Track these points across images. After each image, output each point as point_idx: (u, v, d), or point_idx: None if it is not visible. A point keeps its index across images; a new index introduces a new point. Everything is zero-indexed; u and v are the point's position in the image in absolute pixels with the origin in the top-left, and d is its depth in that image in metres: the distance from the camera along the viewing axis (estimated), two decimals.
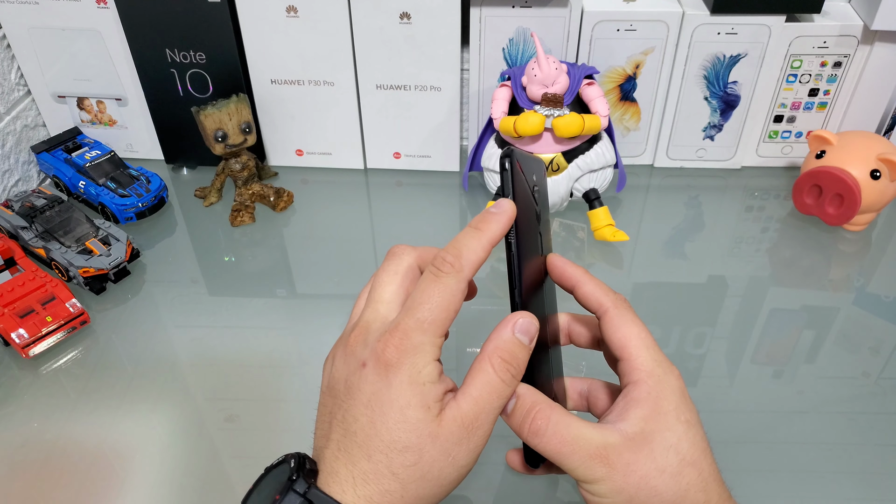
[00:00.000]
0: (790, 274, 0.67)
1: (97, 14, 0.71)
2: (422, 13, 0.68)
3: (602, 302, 0.35)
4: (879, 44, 0.69)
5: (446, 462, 0.31)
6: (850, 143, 0.67)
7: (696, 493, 0.31)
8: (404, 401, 0.30)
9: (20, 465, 0.50)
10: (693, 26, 0.69)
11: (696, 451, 0.32)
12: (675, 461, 0.31)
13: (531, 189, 0.35)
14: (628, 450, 0.31)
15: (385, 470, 0.30)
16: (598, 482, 0.31)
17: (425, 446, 0.30)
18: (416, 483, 0.30)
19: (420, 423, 0.30)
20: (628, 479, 0.31)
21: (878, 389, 0.55)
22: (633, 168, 0.80)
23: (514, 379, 0.32)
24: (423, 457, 0.30)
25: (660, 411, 0.32)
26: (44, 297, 0.59)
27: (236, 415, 0.53)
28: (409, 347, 0.30)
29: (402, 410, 0.30)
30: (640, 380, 0.33)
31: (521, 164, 0.33)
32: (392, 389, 0.30)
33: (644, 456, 0.31)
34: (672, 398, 0.32)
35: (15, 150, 0.75)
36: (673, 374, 0.33)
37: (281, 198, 0.74)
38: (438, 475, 0.31)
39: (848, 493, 0.48)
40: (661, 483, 0.31)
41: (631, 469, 0.31)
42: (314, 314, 0.63)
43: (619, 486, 0.31)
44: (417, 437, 0.30)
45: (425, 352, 0.31)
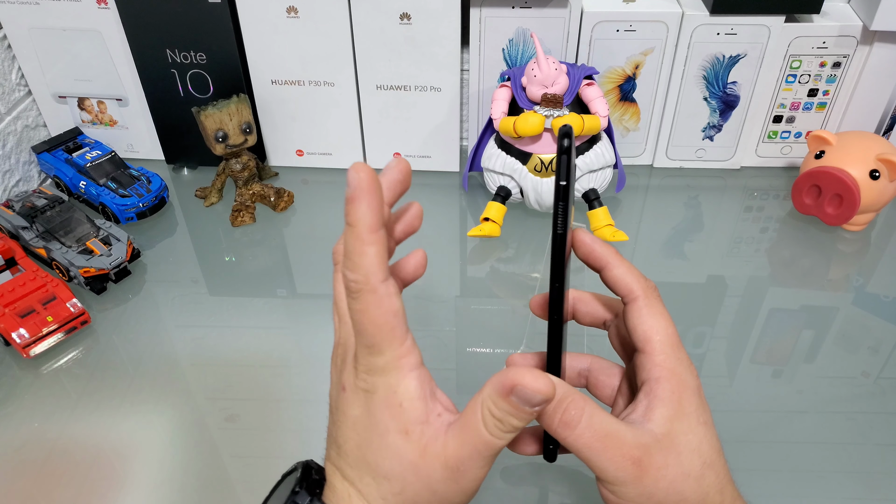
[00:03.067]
0: (789, 274, 0.67)
1: (98, 14, 0.71)
2: (422, 13, 0.68)
3: (632, 288, 0.33)
4: (878, 44, 0.70)
5: (433, 497, 0.29)
6: (850, 144, 0.67)
7: (714, 496, 0.31)
8: (383, 426, 0.29)
9: (21, 465, 0.50)
10: (692, 27, 0.69)
11: (714, 453, 0.31)
12: (697, 464, 0.30)
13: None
14: (659, 452, 0.30)
15: (376, 494, 0.30)
16: (626, 484, 0.29)
17: (408, 478, 0.29)
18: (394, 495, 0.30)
19: (400, 451, 0.29)
20: (658, 483, 0.30)
21: (878, 389, 0.55)
22: (632, 168, 0.80)
23: (507, 435, 0.29)
24: (406, 488, 0.29)
25: (683, 412, 0.31)
26: (44, 297, 0.59)
27: (236, 415, 0.53)
28: (376, 370, 0.29)
29: (382, 437, 0.29)
30: (662, 377, 0.31)
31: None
32: (371, 415, 0.29)
33: (673, 459, 0.30)
34: (693, 399, 0.31)
35: (16, 151, 0.75)
36: (692, 374, 0.32)
37: (281, 198, 0.74)
38: (424, 500, 0.30)
39: (848, 492, 0.49)
40: (686, 487, 0.30)
41: (662, 473, 0.30)
42: (314, 314, 0.63)
43: (648, 490, 0.30)
44: (399, 465, 0.29)
45: (393, 369, 0.29)
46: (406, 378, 0.29)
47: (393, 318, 0.28)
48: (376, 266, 0.27)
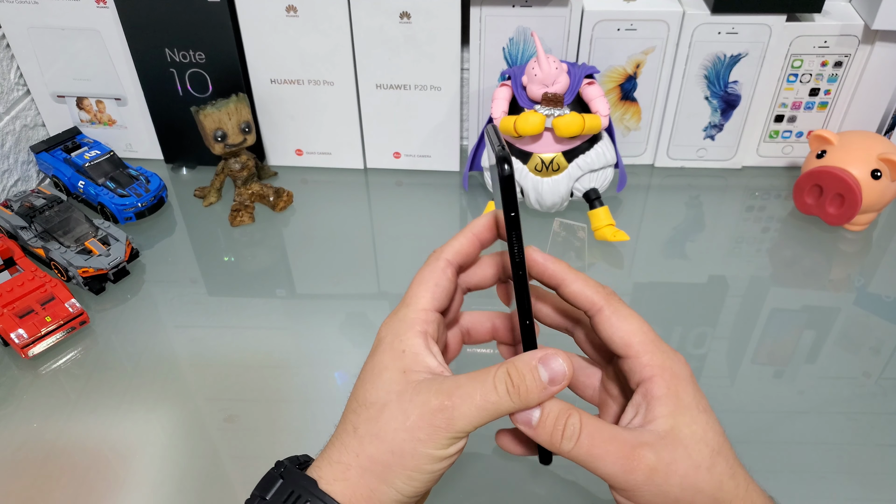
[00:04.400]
0: (791, 274, 0.67)
1: (97, 14, 0.71)
2: (422, 13, 0.68)
3: (593, 300, 0.33)
4: (880, 43, 0.69)
5: (402, 424, 0.30)
6: (851, 143, 0.67)
7: (727, 482, 0.30)
8: (382, 365, 0.32)
9: (20, 465, 0.50)
10: (693, 26, 0.69)
11: (720, 439, 0.31)
12: (707, 454, 0.30)
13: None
14: (665, 449, 0.30)
15: (350, 427, 0.31)
16: (638, 488, 0.29)
17: (389, 402, 0.31)
18: (370, 440, 0.30)
19: (391, 382, 0.31)
20: (671, 479, 0.29)
21: (879, 389, 0.55)
22: (633, 168, 0.80)
23: (507, 396, 0.30)
24: (383, 412, 0.30)
25: (682, 405, 0.31)
26: (43, 297, 0.59)
27: (236, 415, 0.53)
28: (395, 321, 0.33)
29: (379, 374, 0.32)
30: (654, 375, 0.31)
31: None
32: (375, 357, 0.32)
33: (681, 453, 0.30)
34: (689, 389, 0.31)
35: (14, 150, 0.75)
36: (682, 364, 0.32)
37: (280, 198, 0.74)
38: (392, 438, 0.30)
39: (848, 493, 0.48)
40: (699, 479, 0.30)
41: (672, 469, 0.30)
42: (314, 314, 0.63)
43: (663, 490, 0.29)
44: (385, 393, 0.31)
45: (409, 323, 0.32)
46: (416, 336, 0.32)
47: (433, 280, 0.33)
48: (453, 250, 0.34)
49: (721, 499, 0.30)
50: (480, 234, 0.34)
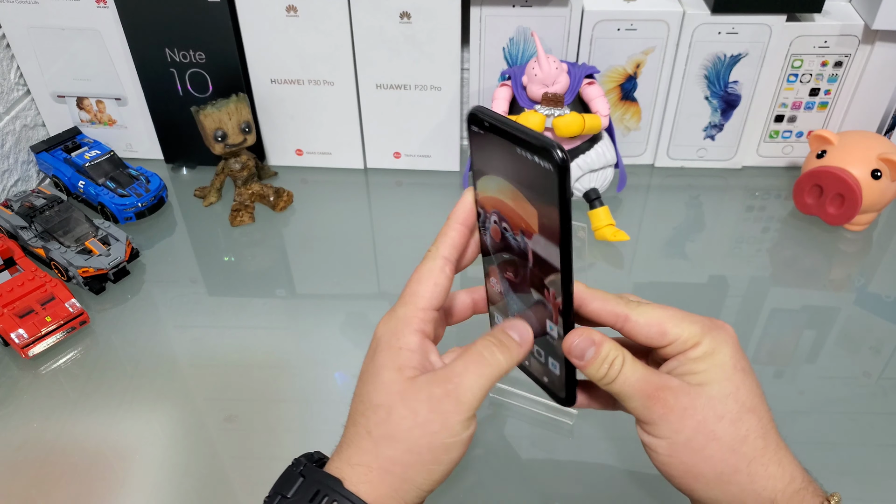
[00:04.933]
0: (791, 274, 0.67)
1: (97, 13, 0.71)
2: (422, 13, 0.68)
3: (616, 312, 0.34)
4: (880, 43, 0.69)
5: (414, 422, 0.31)
6: (851, 143, 0.67)
7: (755, 440, 0.32)
8: (381, 364, 0.32)
9: (20, 465, 0.50)
10: (694, 26, 0.69)
11: (755, 399, 0.33)
12: (734, 408, 0.32)
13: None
14: (686, 395, 0.32)
15: (363, 430, 0.32)
16: (655, 423, 0.32)
17: (395, 403, 0.31)
18: (386, 442, 0.31)
19: (391, 383, 0.31)
20: (685, 421, 0.32)
21: (879, 389, 0.55)
22: (633, 168, 0.80)
23: (499, 358, 0.33)
24: (391, 413, 0.31)
25: (717, 362, 0.33)
26: (43, 297, 0.59)
27: (236, 415, 0.53)
28: (392, 319, 0.33)
29: (378, 373, 0.32)
30: (697, 343, 0.33)
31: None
32: (374, 357, 0.33)
33: (703, 403, 0.32)
34: (727, 349, 0.33)
35: (14, 150, 0.75)
36: (725, 330, 0.34)
37: (280, 198, 0.74)
38: (407, 437, 0.31)
39: (848, 492, 0.48)
40: (719, 428, 0.32)
41: (688, 413, 0.32)
42: (314, 314, 0.63)
43: (675, 427, 0.32)
44: (387, 394, 0.31)
45: (405, 321, 0.33)
46: (413, 334, 0.33)
47: (430, 277, 0.33)
48: (449, 246, 0.34)
49: (743, 452, 0.32)
50: (466, 221, 0.35)
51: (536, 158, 0.28)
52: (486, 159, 0.32)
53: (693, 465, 0.32)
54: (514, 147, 0.29)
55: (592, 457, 0.50)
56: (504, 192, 0.32)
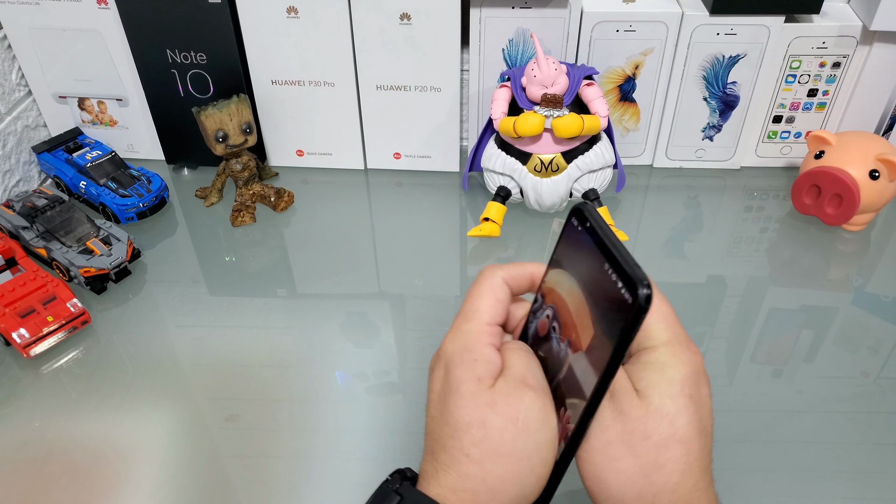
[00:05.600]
0: (789, 274, 0.67)
1: (98, 14, 0.71)
2: (422, 13, 0.68)
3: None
4: (878, 44, 0.70)
5: (515, 429, 0.29)
6: (849, 144, 0.67)
7: (671, 473, 0.29)
8: (458, 381, 0.31)
9: (21, 465, 0.50)
10: (692, 27, 0.69)
11: (692, 431, 0.30)
12: (665, 432, 0.29)
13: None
14: (625, 399, 0.30)
15: (459, 454, 0.30)
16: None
17: (487, 417, 0.30)
18: (492, 461, 0.29)
19: (474, 396, 0.30)
20: (612, 424, 0.30)
21: (877, 389, 0.55)
22: (632, 168, 0.80)
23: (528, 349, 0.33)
24: (488, 429, 0.30)
25: (666, 377, 0.30)
26: (45, 296, 0.59)
27: (237, 415, 0.53)
28: (459, 336, 0.32)
29: (457, 390, 0.31)
30: (654, 347, 0.31)
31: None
32: (450, 376, 0.31)
33: (637, 415, 0.30)
34: (682, 370, 0.30)
35: (16, 151, 0.75)
36: (692, 353, 0.31)
37: (281, 198, 0.74)
38: (513, 447, 0.29)
39: (848, 492, 0.49)
40: (641, 447, 0.29)
41: (618, 418, 0.30)
42: (314, 314, 0.63)
43: (601, 425, 0.30)
44: (475, 408, 0.30)
45: (474, 336, 0.32)
46: (485, 346, 0.32)
47: (490, 292, 0.33)
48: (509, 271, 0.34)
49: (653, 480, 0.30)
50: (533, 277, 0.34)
51: (620, 284, 0.27)
52: (570, 254, 0.31)
53: (601, 471, 0.30)
54: (604, 261, 0.28)
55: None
56: (572, 294, 0.30)
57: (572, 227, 0.30)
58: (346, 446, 0.51)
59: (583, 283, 0.30)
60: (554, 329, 0.32)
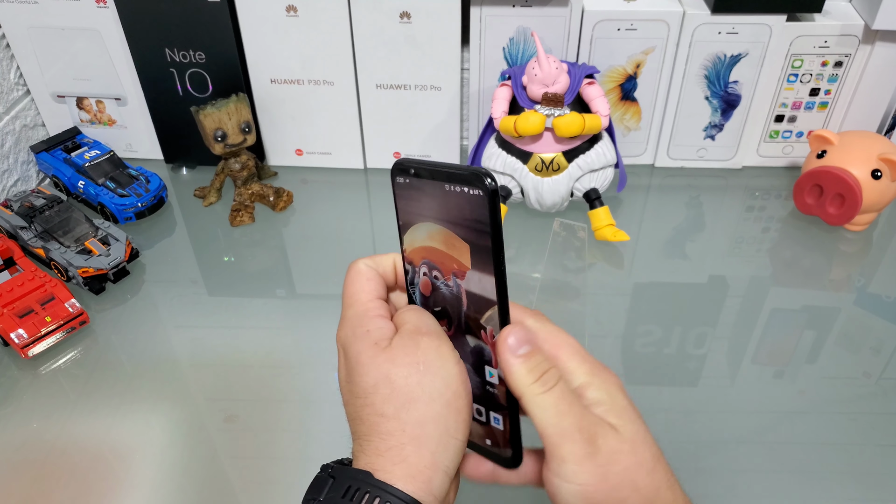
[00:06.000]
0: (791, 274, 0.67)
1: (97, 14, 0.71)
2: (422, 13, 0.68)
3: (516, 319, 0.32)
4: (880, 43, 0.69)
5: (419, 373, 0.30)
6: (851, 143, 0.67)
7: (665, 491, 0.30)
8: (356, 352, 0.32)
9: (20, 466, 0.50)
10: (694, 26, 0.69)
11: (658, 449, 0.30)
12: (649, 456, 0.30)
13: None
14: (614, 438, 0.29)
15: (375, 417, 0.31)
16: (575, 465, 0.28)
17: (390, 371, 0.31)
18: (405, 409, 0.30)
19: (374, 358, 0.31)
20: (612, 467, 0.29)
21: (879, 389, 0.55)
22: (633, 168, 0.79)
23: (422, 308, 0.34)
24: (394, 381, 0.30)
25: (617, 406, 0.30)
26: (43, 297, 0.59)
27: (236, 415, 0.53)
28: (345, 322, 0.33)
29: (357, 361, 0.32)
30: (587, 384, 0.31)
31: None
32: (349, 355, 0.32)
33: (626, 448, 0.29)
34: (621, 394, 0.31)
35: (14, 150, 0.75)
36: (612, 375, 0.32)
37: (280, 198, 0.74)
38: (421, 389, 0.30)
39: (848, 493, 0.48)
40: (640, 478, 0.29)
41: (615, 459, 0.29)
42: (314, 314, 0.62)
43: (602, 472, 0.28)
44: (377, 368, 0.31)
45: (359, 316, 0.33)
46: (372, 320, 0.33)
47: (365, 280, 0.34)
48: (374, 257, 0.35)
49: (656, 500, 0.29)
50: (395, 260, 0.35)
51: (466, 189, 0.29)
52: (414, 208, 0.32)
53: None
54: (443, 185, 0.30)
55: None
56: (434, 236, 0.32)
57: (401, 185, 0.32)
58: (346, 447, 0.51)
59: (438, 218, 0.31)
60: (437, 278, 0.33)
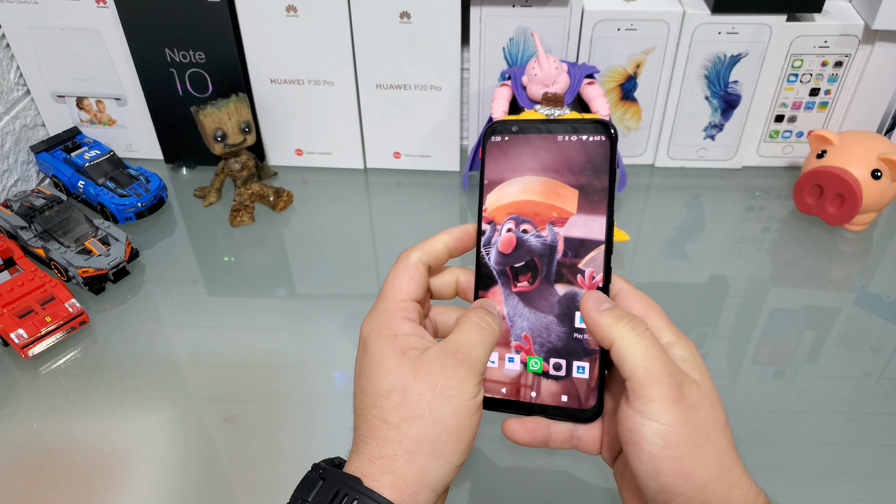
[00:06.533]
0: (791, 274, 0.67)
1: (96, 13, 0.71)
2: (422, 13, 0.68)
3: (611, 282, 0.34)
4: (880, 43, 0.69)
5: (433, 394, 0.31)
6: (851, 143, 0.67)
7: (732, 450, 0.31)
8: (379, 354, 0.32)
9: (19, 466, 0.50)
10: (694, 26, 0.69)
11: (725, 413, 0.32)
12: (722, 416, 0.31)
13: None
14: (695, 388, 0.31)
15: (378, 421, 0.31)
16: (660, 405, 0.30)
17: (408, 383, 0.31)
18: (408, 423, 0.30)
19: (397, 366, 0.31)
20: (692, 413, 0.30)
21: (880, 389, 0.55)
22: (633, 168, 0.79)
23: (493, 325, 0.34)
24: (407, 393, 0.31)
25: (699, 367, 0.32)
26: (43, 297, 0.59)
27: (236, 415, 0.53)
28: (376, 315, 0.34)
29: (378, 362, 0.32)
30: (673, 342, 0.33)
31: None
32: (369, 351, 0.33)
33: (706, 401, 0.31)
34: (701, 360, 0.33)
35: (14, 150, 0.75)
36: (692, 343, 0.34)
37: (280, 198, 0.74)
38: (429, 410, 0.31)
39: (848, 493, 0.48)
40: (714, 430, 0.30)
41: (696, 406, 0.30)
42: (314, 314, 0.62)
43: (683, 417, 0.30)
44: (397, 376, 0.31)
45: (389, 313, 0.33)
46: (401, 321, 0.33)
47: (406, 274, 0.35)
48: (424, 248, 0.36)
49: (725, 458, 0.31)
50: (451, 242, 0.36)
51: (587, 136, 0.32)
52: (509, 165, 0.34)
53: (688, 462, 0.30)
54: (555, 137, 0.33)
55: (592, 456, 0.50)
56: (531, 188, 0.34)
57: (495, 144, 0.34)
58: (346, 447, 0.51)
59: (542, 169, 0.33)
60: (525, 231, 0.34)
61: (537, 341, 0.35)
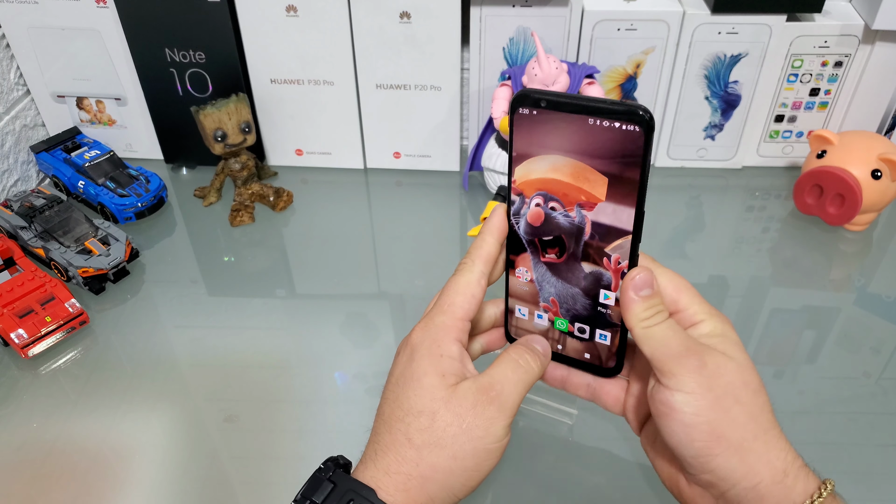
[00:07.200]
0: (791, 274, 0.67)
1: (96, 13, 0.71)
2: (422, 13, 0.68)
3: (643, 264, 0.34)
4: (880, 43, 0.69)
5: (459, 428, 0.31)
6: (851, 143, 0.67)
7: (768, 413, 0.32)
8: (422, 371, 0.32)
9: (19, 466, 0.50)
10: (694, 26, 0.69)
11: (763, 385, 0.33)
12: (755, 380, 0.32)
13: None
14: (718, 357, 0.32)
15: (402, 437, 0.31)
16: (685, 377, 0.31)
17: (438, 410, 0.31)
18: (429, 449, 0.31)
19: (434, 389, 0.32)
20: (716, 379, 0.31)
21: (879, 389, 0.55)
22: None
23: (532, 366, 0.34)
24: (435, 420, 0.31)
25: (730, 340, 0.33)
26: (43, 297, 0.59)
27: (236, 415, 0.53)
28: (430, 327, 0.34)
29: (419, 379, 0.32)
30: (703, 321, 0.34)
31: None
32: (413, 363, 0.33)
33: (732, 368, 0.32)
34: (733, 333, 0.33)
35: (14, 150, 0.75)
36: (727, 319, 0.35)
37: (280, 198, 0.74)
38: (452, 443, 0.31)
39: (848, 493, 0.48)
40: (744, 395, 0.31)
41: (719, 372, 0.31)
42: (314, 314, 0.62)
43: (707, 384, 0.31)
44: (431, 400, 0.32)
45: (445, 329, 0.33)
46: (453, 343, 0.33)
47: (468, 289, 0.34)
48: (483, 258, 0.35)
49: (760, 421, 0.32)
50: (500, 237, 0.36)
51: (619, 124, 0.29)
52: (537, 140, 0.32)
53: (718, 425, 0.31)
54: (586, 119, 0.30)
55: (592, 456, 0.50)
56: (560, 168, 0.32)
57: (524, 117, 0.32)
58: (346, 448, 0.51)
59: (571, 151, 0.31)
60: (553, 209, 0.34)
61: (563, 307, 0.36)
